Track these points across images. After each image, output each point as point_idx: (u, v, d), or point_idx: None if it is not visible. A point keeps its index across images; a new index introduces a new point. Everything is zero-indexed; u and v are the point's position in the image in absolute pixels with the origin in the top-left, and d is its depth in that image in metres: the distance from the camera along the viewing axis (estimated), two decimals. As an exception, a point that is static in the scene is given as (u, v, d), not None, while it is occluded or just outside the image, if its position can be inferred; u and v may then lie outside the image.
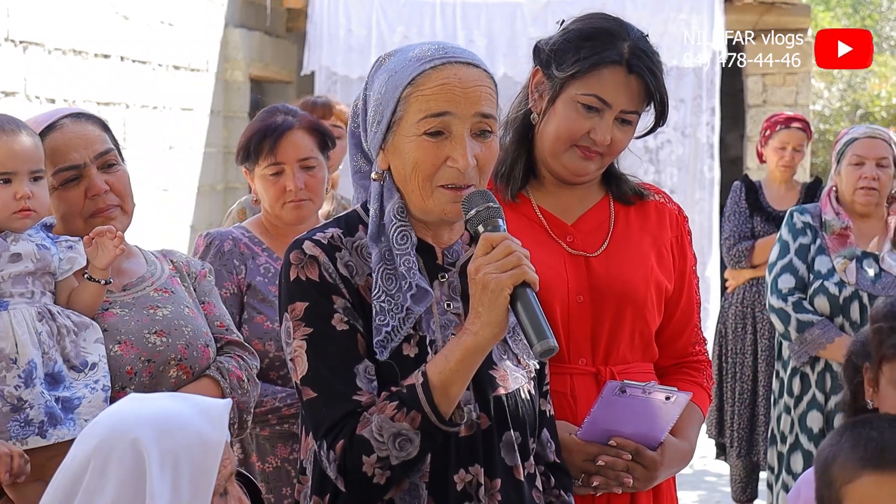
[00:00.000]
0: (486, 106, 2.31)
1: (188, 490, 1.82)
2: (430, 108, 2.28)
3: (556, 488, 2.52)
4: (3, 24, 6.54)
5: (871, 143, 5.11)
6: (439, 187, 2.31)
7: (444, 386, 2.22)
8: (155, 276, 2.98)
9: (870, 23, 19.24)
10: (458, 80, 2.29)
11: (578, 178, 2.80)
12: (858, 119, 15.90)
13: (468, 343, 2.21)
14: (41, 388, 2.63)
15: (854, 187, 5.07)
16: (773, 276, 5.11)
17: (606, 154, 2.76)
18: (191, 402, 1.93)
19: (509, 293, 2.17)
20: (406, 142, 2.30)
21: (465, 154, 2.28)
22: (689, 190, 9.65)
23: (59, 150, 2.86)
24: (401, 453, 2.22)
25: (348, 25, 9.78)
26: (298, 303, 2.32)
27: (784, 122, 6.77)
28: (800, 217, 5.14)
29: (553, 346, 2.14)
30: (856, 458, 2.24)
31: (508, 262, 2.18)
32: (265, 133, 3.66)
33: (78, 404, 2.65)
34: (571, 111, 2.72)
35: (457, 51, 2.34)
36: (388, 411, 2.22)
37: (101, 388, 2.69)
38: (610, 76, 2.70)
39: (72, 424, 2.63)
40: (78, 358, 2.71)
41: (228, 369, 2.93)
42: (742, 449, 6.60)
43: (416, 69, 2.30)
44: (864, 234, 5.08)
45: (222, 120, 9.72)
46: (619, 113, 2.71)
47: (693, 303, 2.93)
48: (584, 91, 2.70)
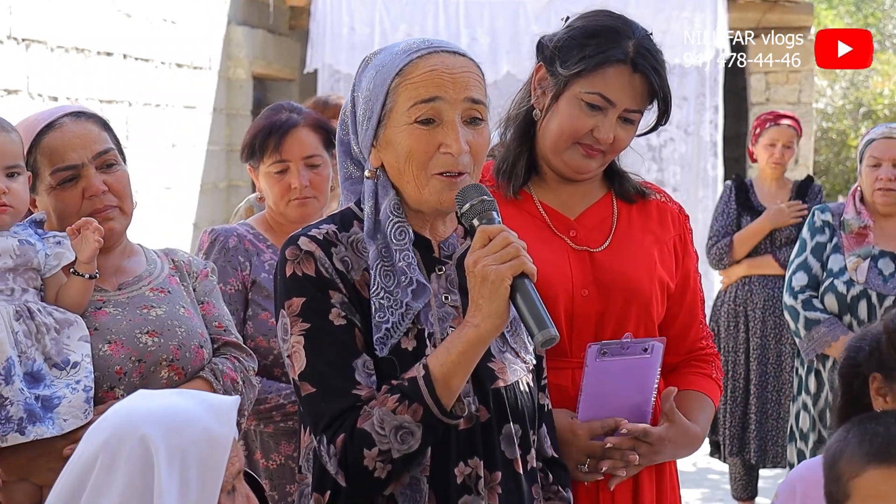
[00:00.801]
0: (475, 91, 2.32)
1: (196, 487, 1.82)
2: (419, 95, 2.29)
3: (555, 484, 2.53)
4: (6, 22, 6.54)
5: (888, 143, 5.12)
6: (434, 175, 2.31)
7: (446, 378, 2.22)
8: (153, 276, 2.96)
9: (872, 20, 19.24)
10: (446, 66, 2.31)
11: (580, 175, 2.80)
12: (861, 117, 15.91)
13: (470, 335, 2.21)
14: (20, 385, 2.60)
15: (872, 189, 5.09)
16: (788, 273, 5.16)
17: (609, 152, 2.77)
18: (199, 399, 1.92)
19: (509, 284, 2.18)
20: (398, 132, 2.31)
21: (457, 139, 2.29)
22: (693, 188, 9.64)
23: (58, 149, 2.84)
24: (402, 446, 2.22)
25: (351, 23, 9.78)
26: (295, 298, 2.32)
27: (774, 120, 6.78)
28: (820, 216, 5.16)
29: (554, 335, 2.14)
30: (862, 452, 2.25)
31: (507, 254, 2.19)
32: (270, 130, 3.66)
33: (58, 404, 2.63)
34: (575, 109, 2.73)
35: (443, 42, 2.37)
36: (390, 404, 2.22)
37: (83, 389, 2.66)
38: (615, 75, 2.70)
39: (51, 423, 2.61)
40: (60, 356, 2.68)
41: (222, 371, 2.90)
42: (734, 447, 6.60)
43: (403, 60, 2.32)
44: (886, 233, 5.10)
45: (225, 118, 9.72)
46: (622, 111, 2.72)
47: (697, 299, 2.95)
48: (589, 89, 2.70)
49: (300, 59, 10.64)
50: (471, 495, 2.31)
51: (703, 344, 2.97)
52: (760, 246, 6.57)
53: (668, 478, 2.89)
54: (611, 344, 2.64)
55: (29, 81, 6.77)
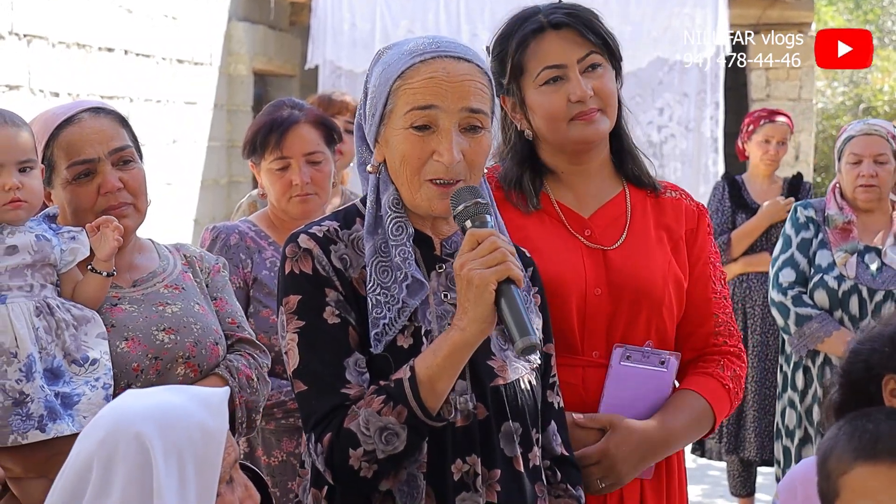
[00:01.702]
0: (474, 101, 2.32)
1: (195, 480, 1.83)
2: (416, 101, 2.30)
3: (563, 482, 2.52)
4: (7, 18, 6.54)
5: (868, 140, 5.12)
6: (427, 182, 2.32)
7: (431, 381, 2.23)
8: (166, 272, 2.96)
9: (872, 17, 19.22)
10: (446, 73, 2.30)
11: (595, 141, 2.80)
12: (861, 114, 15.90)
13: (455, 339, 2.22)
14: (41, 382, 2.61)
15: (853, 185, 5.09)
16: (774, 270, 5.14)
17: (602, 106, 2.77)
18: (190, 394, 1.93)
19: (494, 289, 2.18)
20: (395, 135, 2.33)
21: (450, 148, 2.29)
22: (694, 184, 9.64)
23: (75, 143, 2.84)
24: (387, 447, 2.23)
25: (352, 19, 9.77)
26: (292, 296, 2.34)
27: (768, 116, 6.78)
28: (803, 212, 5.16)
29: (535, 342, 2.15)
30: (851, 449, 2.24)
31: (493, 259, 2.19)
32: (271, 127, 3.66)
33: (77, 401, 2.63)
34: (542, 95, 2.75)
35: (450, 45, 2.35)
36: (375, 405, 2.23)
37: (102, 387, 2.66)
38: (543, 44, 2.75)
39: (71, 420, 2.61)
40: (79, 352, 2.68)
41: (238, 368, 2.91)
42: (730, 445, 6.60)
43: (406, 63, 2.32)
44: (868, 228, 5.10)
45: (226, 114, 9.72)
46: (577, 65, 2.74)
47: (710, 294, 2.89)
48: (536, 72, 2.75)
49: (301, 55, 10.64)
50: (468, 492, 2.31)
51: (717, 341, 2.88)
52: (756, 243, 6.57)
53: (677, 473, 2.89)
54: (634, 349, 2.67)
55: (30, 77, 6.77)
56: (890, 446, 2.19)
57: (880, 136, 5.12)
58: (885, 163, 5.10)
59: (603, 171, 2.88)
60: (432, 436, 2.29)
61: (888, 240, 5.07)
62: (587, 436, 2.68)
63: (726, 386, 2.85)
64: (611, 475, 2.66)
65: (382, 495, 2.31)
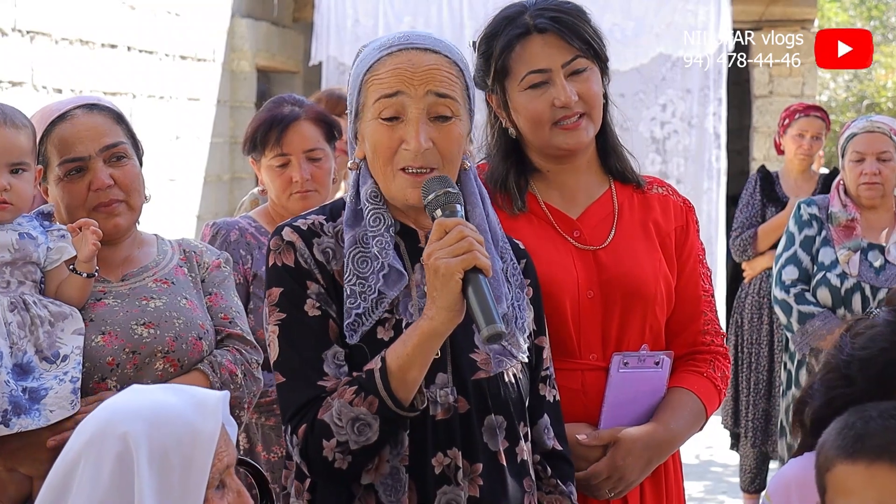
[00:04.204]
0: (441, 86, 2.33)
1: (179, 483, 1.79)
2: (382, 90, 2.33)
3: (554, 477, 2.51)
4: (10, 14, 6.55)
5: (871, 137, 5.12)
6: (399, 171, 2.34)
7: (402, 371, 2.23)
8: (159, 266, 2.96)
9: (876, 13, 19.17)
10: (411, 63, 2.33)
11: (578, 149, 2.79)
12: (865, 110, 15.87)
13: (424, 328, 2.22)
14: (6, 377, 2.60)
15: (857, 183, 5.09)
16: (778, 267, 5.15)
17: (587, 110, 2.76)
18: (186, 395, 1.90)
19: (460, 278, 2.18)
20: (367, 127, 2.36)
21: (416, 136, 2.31)
22: (697, 179, 9.62)
23: (66, 140, 2.84)
24: (360, 438, 2.24)
25: (355, 16, 9.76)
26: (275, 288, 2.36)
27: (803, 111, 6.77)
28: (806, 209, 5.16)
29: (500, 331, 2.14)
30: (835, 446, 2.19)
31: (459, 248, 2.19)
32: (272, 123, 3.67)
33: (44, 395, 2.62)
34: (526, 97, 2.75)
35: (419, 38, 2.37)
36: (347, 396, 2.24)
37: (70, 380, 2.65)
38: (528, 47, 2.73)
39: (37, 415, 2.61)
40: (51, 349, 2.67)
41: (221, 363, 2.89)
42: (757, 439, 6.59)
43: (375, 56, 2.35)
44: (872, 225, 5.10)
45: (229, 110, 9.72)
46: (562, 70, 2.73)
47: (699, 292, 2.90)
48: (521, 75, 2.74)
49: (304, 51, 10.63)
50: (450, 486, 2.32)
51: (706, 340, 2.90)
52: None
53: (673, 470, 2.89)
54: (631, 355, 2.69)
55: (33, 73, 6.77)
56: (870, 446, 2.13)
57: (883, 133, 5.12)
58: (888, 160, 5.11)
59: (590, 168, 2.87)
60: (413, 428, 2.30)
61: (892, 237, 5.07)
62: (591, 452, 2.69)
63: (717, 387, 2.88)
64: (620, 484, 2.70)
65: (365, 489, 2.31)
